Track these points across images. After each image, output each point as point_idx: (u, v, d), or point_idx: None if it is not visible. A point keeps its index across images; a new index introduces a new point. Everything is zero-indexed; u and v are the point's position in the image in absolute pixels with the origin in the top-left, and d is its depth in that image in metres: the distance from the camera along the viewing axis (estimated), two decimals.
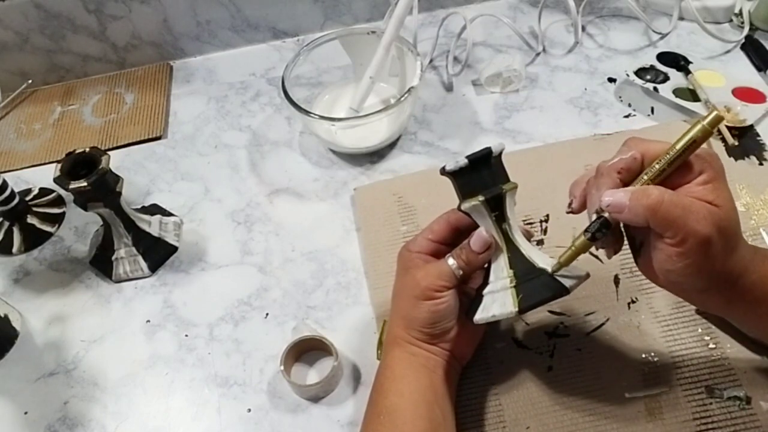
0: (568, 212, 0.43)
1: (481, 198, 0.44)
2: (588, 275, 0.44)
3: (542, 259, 0.45)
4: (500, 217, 0.45)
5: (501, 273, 0.45)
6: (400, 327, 0.49)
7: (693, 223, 0.36)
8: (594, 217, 0.40)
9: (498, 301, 0.44)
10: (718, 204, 0.37)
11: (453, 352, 0.49)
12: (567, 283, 0.43)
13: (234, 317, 0.61)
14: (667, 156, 0.38)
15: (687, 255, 0.37)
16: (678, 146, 0.37)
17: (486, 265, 0.47)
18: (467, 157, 0.44)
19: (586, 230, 0.41)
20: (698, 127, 0.37)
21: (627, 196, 0.37)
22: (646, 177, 0.39)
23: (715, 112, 0.37)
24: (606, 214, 0.39)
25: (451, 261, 0.47)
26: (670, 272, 0.38)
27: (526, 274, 0.44)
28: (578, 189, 0.43)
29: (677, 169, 0.38)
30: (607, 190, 0.39)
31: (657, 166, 0.38)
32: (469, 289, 0.50)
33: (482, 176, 0.44)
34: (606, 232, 0.40)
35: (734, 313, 0.45)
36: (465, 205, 0.45)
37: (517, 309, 0.43)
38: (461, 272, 0.46)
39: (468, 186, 0.45)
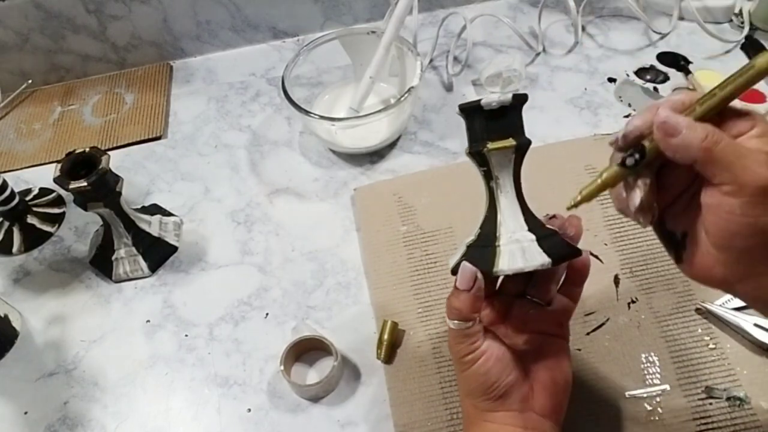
0: (611, 143, 0.38)
1: (467, 150, 0.43)
2: (545, 265, 0.38)
3: (518, 226, 0.41)
4: (488, 174, 0.42)
5: (474, 229, 0.44)
6: (467, 405, 0.44)
7: (753, 165, 0.31)
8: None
9: (457, 253, 0.44)
10: None
11: (537, 411, 0.42)
12: (506, 265, 0.39)
13: (234, 317, 0.61)
14: (727, 88, 0.33)
15: (749, 206, 0.31)
16: (739, 76, 0.33)
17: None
18: (459, 105, 0.42)
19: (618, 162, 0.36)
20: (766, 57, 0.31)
21: (685, 123, 0.33)
22: (699, 109, 0.34)
23: None
24: (646, 142, 0.35)
25: (451, 322, 0.42)
26: (736, 237, 0.32)
27: (482, 239, 0.42)
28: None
29: (729, 119, 0.34)
30: (663, 107, 0.34)
31: (714, 99, 0.33)
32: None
33: (475, 128, 0.42)
34: (639, 161, 0.35)
35: None
36: (466, 150, 0.43)
37: (451, 267, 0.43)
38: (469, 323, 0.41)
39: (470, 132, 0.43)
